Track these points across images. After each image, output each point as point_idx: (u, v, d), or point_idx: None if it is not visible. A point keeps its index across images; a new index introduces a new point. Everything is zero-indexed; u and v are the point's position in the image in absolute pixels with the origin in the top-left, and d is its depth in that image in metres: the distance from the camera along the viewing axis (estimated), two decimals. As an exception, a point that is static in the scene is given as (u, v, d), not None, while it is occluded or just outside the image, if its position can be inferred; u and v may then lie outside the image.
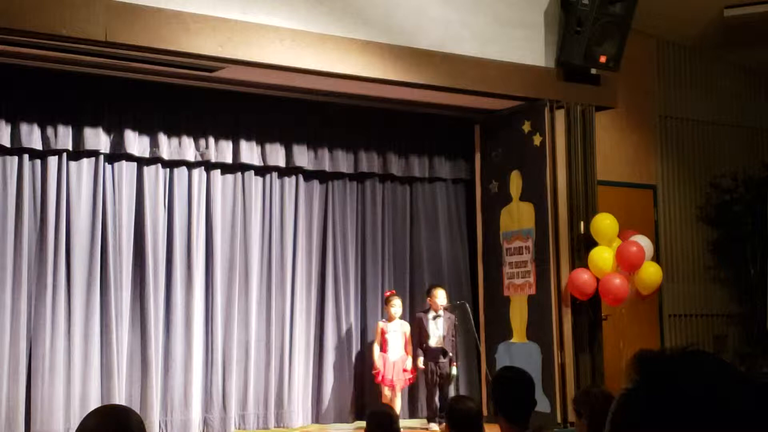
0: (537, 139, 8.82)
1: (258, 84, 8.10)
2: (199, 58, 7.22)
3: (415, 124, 9.36)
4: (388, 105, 8.90)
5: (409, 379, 8.66)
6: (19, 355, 7.36)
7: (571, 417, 8.28)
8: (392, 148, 9.29)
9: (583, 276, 8.39)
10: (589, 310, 8.62)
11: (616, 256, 8.42)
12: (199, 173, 8.35)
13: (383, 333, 8.55)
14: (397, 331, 8.61)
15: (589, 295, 8.45)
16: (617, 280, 8.33)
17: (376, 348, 8.59)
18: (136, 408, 7.75)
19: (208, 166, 8.39)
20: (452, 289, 9.13)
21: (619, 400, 1.17)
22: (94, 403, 7.50)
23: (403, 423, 8.62)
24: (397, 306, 8.61)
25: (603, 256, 8.41)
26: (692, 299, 10.52)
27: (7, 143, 7.46)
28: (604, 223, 8.55)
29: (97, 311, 7.70)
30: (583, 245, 8.64)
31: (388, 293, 8.80)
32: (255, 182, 8.65)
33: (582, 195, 8.75)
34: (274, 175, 8.77)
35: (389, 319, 8.61)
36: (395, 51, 7.99)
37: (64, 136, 7.64)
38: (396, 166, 9.31)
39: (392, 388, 8.44)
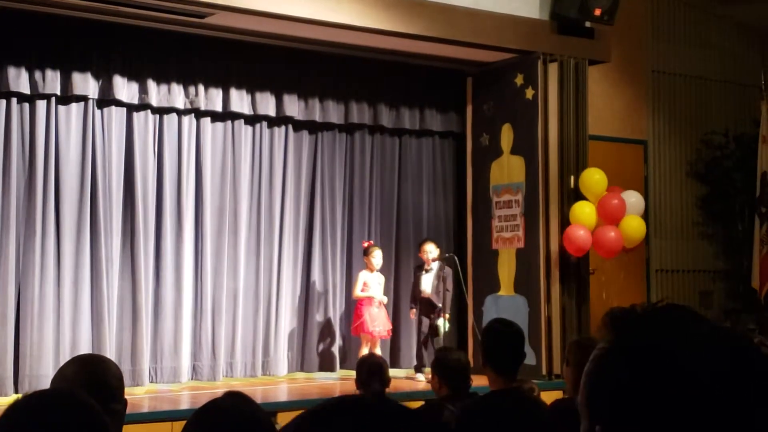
0: (529, 93, 8.77)
1: (249, 32, 8.01)
2: (189, 4, 7.13)
3: (407, 76, 9.27)
4: (380, 56, 8.79)
5: (389, 331, 8.70)
6: (7, 300, 7.33)
7: (557, 369, 8.36)
8: (383, 100, 9.20)
9: (579, 231, 8.37)
10: (577, 264, 8.65)
11: (598, 209, 8.41)
12: (189, 120, 8.29)
13: (365, 284, 8.54)
14: (378, 281, 8.61)
15: (585, 251, 8.44)
16: (612, 233, 8.35)
17: (359, 296, 8.48)
18: (127, 355, 7.79)
19: (198, 113, 8.31)
20: (439, 242, 9.11)
21: (594, 360, 1.17)
22: (85, 349, 7.51)
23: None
24: (378, 257, 8.57)
25: (585, 211, 8.38)
26: (680, 255, 10.56)
27: (-7, 87, 7.37)
28: (593, 178, 8.53)
29: (87, 257, 7.67)
30: (572, 200, 8.63)
31: (366, 244, 8.71)
32: (245, 131, 8.59)
33: (573, 149, 8.73)
34: (264, 124, 8.71)
35: (370, 269, 8.60)
36: (388, 0, 7.90)
37: (52, 81, 7.54)
38: (386, 118, 9.23)
39: (373, 338, 8.45)
